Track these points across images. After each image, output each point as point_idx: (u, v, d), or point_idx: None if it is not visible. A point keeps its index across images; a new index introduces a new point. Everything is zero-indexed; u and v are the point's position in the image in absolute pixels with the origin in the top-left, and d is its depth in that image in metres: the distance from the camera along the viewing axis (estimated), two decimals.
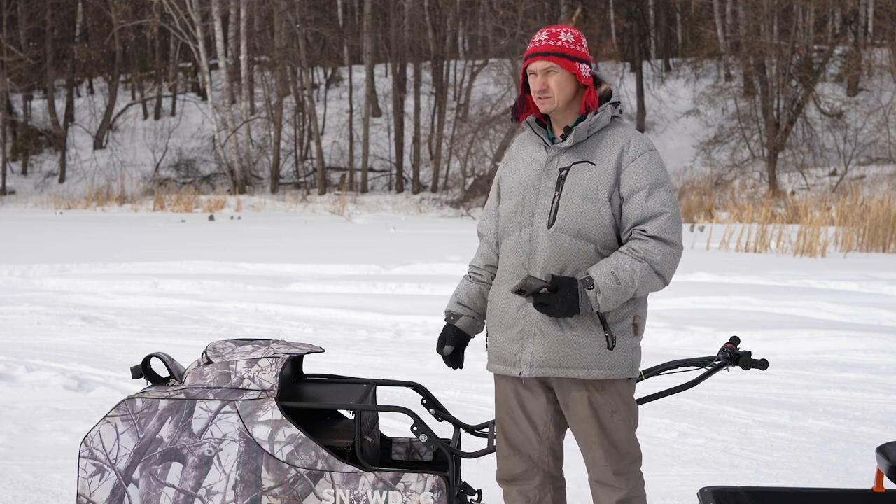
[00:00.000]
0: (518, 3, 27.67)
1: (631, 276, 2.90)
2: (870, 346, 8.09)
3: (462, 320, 3.24)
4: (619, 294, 2.91)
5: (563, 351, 2.97)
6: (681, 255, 3.00)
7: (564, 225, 2.97)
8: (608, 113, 3.04)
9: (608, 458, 3.02)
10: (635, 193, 2.96)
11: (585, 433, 3.03)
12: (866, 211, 15.91)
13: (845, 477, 4.84)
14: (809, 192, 24.29)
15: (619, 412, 3.02)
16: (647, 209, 2.94)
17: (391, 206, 26.30)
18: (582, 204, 2.97)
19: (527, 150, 3.15)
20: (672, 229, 2.95)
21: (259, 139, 30.12)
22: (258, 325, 9.24)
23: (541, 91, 3.01)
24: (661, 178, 2.99)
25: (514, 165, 3.16)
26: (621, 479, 3.03)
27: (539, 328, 3.00)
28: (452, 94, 29.85)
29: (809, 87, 26.37)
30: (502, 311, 3.08)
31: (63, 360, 7.29)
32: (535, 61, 3.02)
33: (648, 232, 2.94)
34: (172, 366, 3.34)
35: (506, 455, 3.14)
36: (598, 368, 2.96)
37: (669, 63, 34.11)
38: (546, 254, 2.99)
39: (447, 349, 3.21)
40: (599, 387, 3.00)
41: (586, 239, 2.97)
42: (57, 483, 4.60)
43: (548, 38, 3.03)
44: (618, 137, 3.02)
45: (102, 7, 31.58)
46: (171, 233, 19.29)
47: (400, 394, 6.30)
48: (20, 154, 32.14)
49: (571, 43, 3.03)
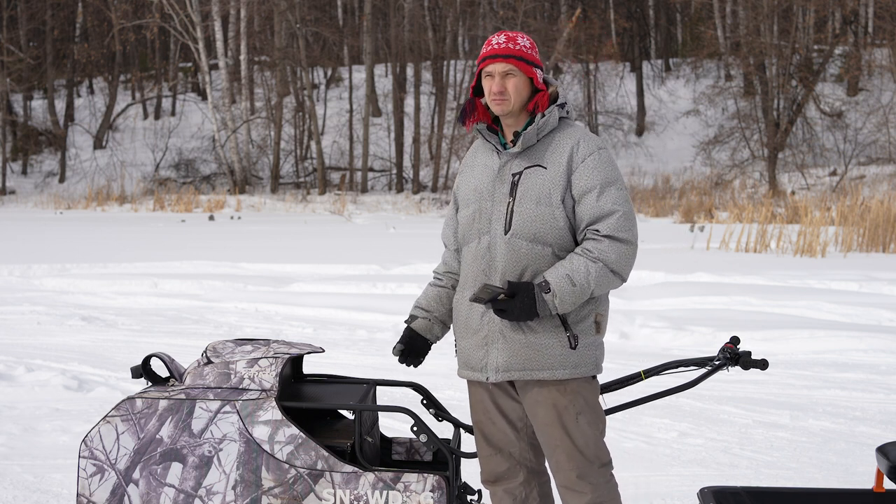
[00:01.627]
0: (518, 3, 27.68)
1: (586, 278, 2.93)
2: (870, 346, 8.09)
3: (417, 322, 3.28)
4: (575, 296, 2.93)
5: (526, 354, 3.00)
6: (636, 252, 3.01)
7: (520, 230, 3.00)
8: (555, 115, 3.05)
9: (571, 461, 3.02)
10: (587, 194, 2.98)
11: (550, 436, 3.03)
12: (866, 211, 15.91)
13: (845, 477, 4.84)
14: (809, 192, 24.29)
15: (585, 415, 3.03)
16: (598, 209, 2.97)
17: (391, 206, 26.30)
18: (536, 208, 2.99)
19: (480, 157, 3.17)
20: (625, 227, 2.96)
21: (259, 139, 30.13)
22: (258, 325, 9.24)
23: (498, 93, 3.01)
24: (612, 176, 3.00)
25: (469, 173, 3.18)
26: (585, 484, 3.02)
27: (502, 333, 3.02)
28: (452, 94, 29.84)
29: (809, 87, 26.38)
30: (467, 318, 3.12)
31: (63, 360, 7.29)
32: (493, 63, 3.03)
33: (602, 231, 2.96)
34: (172, 366, 3.34)
35: (487, 455, 3.16)
36: (562, 368, 2.99)
37: (669, 63, 34.12)
38: (504, 260, 3.01)
39: (396, 347, 3.25)
40: (563, 389, 3.01)
41: (542, 243, 2.99)
42: (57, 483, 4.60)
43: (506, 42, 3.04)
44: (567, 139, 3.04)
45: (102, 7, 31.58)
46: (171, 233, 19.29)
47: (400, 394, 6.30)
48: (20, 154, 32.14)
49: (528, 48, 3.05)
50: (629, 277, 3.07)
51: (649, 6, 34.54)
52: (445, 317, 3.27)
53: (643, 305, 9.94)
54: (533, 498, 3.16)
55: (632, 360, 7.55)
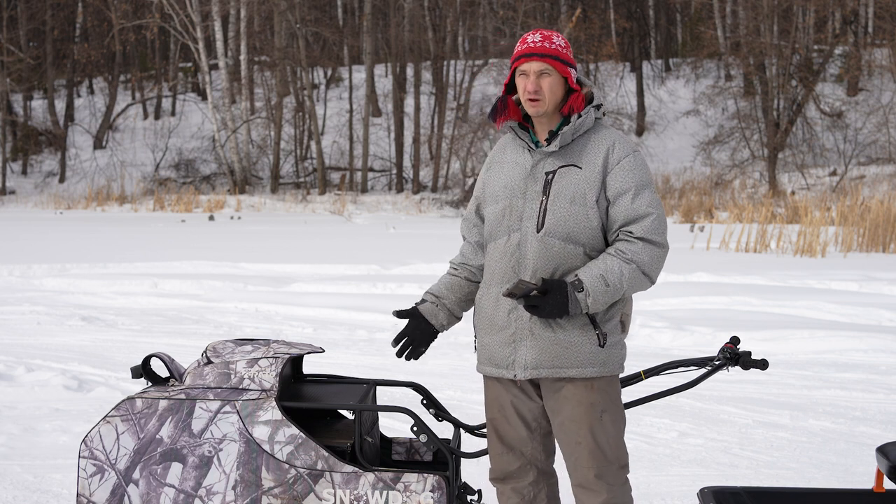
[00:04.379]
0: (518, 3, 27.68)
1: (619, 278, 2.94)
2: (870, 346, 8.09)
3: (425, 305, 3.25)
4: (607, 296, 2.94)
5: (555, 351, 2.99)
6: (666, 255, 3.04)
7: (553, 229, 2.99)
8: (591, 116, 3.04)
9: (592, 459, 3.01)
10: (621, 195, 2.98)
11: (573, 433, 3.02)
12: (866, 211, 15.91)
13: (845, 477, 4.84)
14: (809, 192, 24.29)
15: (609, 412, 3.03)
16: (633, 211, 2.97)
17: (391, 206, 26.30)
18: (570, 207, 2.99)
19: (510, 153, 3.15)
20: (658, 230, 2.98)
21: (259, 139, 30.12)
22: (258, 325, 9.24)
23: (533, 92, 2.99)
24: (646, 179, 3.02)
25: (499, 169, 3.15)
26: (602, 483, 3.01)
27: (531, 330, 3.02)
28: (452, 94, 29.84)
29: (809, 87, 26.38)
30: (492, 315, 3.10)
31: (63, 360, 7.29)
32: (528, 62, 3.00)
33: (635, 233, 2.97)
34: (172, 366, 3.34)
35: (499, 453, 3.15)
36: (591, 366, 2.99)
37: (669, 63, 34.12)
38: (536, 258, 3.01)
39: (395, 313, 3.21)
40: (590, 386, 3.01)
41: (575, 242, 2.99)
42: (57, 483, 4.60)
43: (542, 40, 3.02)
44: (602, 140, 3.03)
45: (102, 7, 31.57)
46: (171, 233, 19.29)
47: (400, 394, 6.30)
48: (20, 154, 32.14)
49: (563, 48, 3.04)
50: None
51: (649, 6, 34.54)
52: (454, 306, 3.25)
53: (643, 305, 9.94)
54: (541, 499, 3.15)
55: (632, 360, 7.49)
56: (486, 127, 25.57)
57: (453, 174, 27.25)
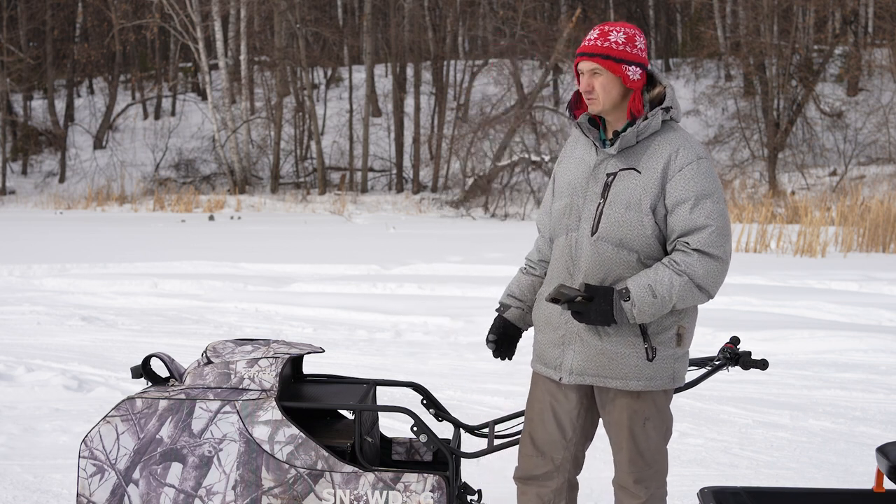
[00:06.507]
0: (518, 3, 27.68)
1: (669, 291, 2.86)
2: (870, 346, 8.09)
3: (511, 311, 3.22)
4: (654, 308, 2.87)
5: (601, 360, 2.95)
6: (726, 269, 2.93)
7: (606, 234, 2.94)
8: (658, 119, 2.95)
9: (632, 465, 3.01)
10: (680, 205, 2.90)
11: (616, 437, 3.04)
12: (866, 211, 15.91)
13: (845, 477, 4.84)
14: (809, 192, 24.29)
15: (652, 420, 3.01)
16: (691, 221, 2.89)
17: (391, 206, 26.29)
18: (625, 213, 2.92)
19: (580, 149, 3.10)
20: (717, 243, 2.88)
21: (259, 139, 30.11)
22: (258, 325, 9.24)
23: (587, 92, 2.97)
24: (709, 189, 2.91)
25: (567, 164, 3.12)
26: (641, 488, 3.02)
27: (579, 335, 2.98)
28: (452, 94, 29.83)
29: (809, 87, 26.37)
30: (548, 313, 3.07)
31: (63, 360, 7.28)
32: (582, 61, 2.98)
33: (692, 245, 2.88)
34: (172, 366, 3.34)
35: (529, 454, 3.13)
36: (636, 380, 2.94)
37: (669, 63, 34.11)
38: (588, 261, 2.96)
39: (490, 337, 3.20)
40: (636, 395, 2.98)
41: (628, 248, 2.93)
42: (57, 483, 4.60)
43: (597, 38, 2.96)
44: (666, 145, 2.94)
45: (102, 7, 31.56)
46: (171, 233, 19.29)
47: (400, 394, 6.30)
48: (20, 154, 32.13)
49: (621, 44, 2.93)
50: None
51: (649, 6, 34.54)
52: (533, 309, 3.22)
53: None
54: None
55: None
56: (485, 127, 25.56)
57: (453, 174, 27.24)
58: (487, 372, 7.17)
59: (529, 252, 3.31)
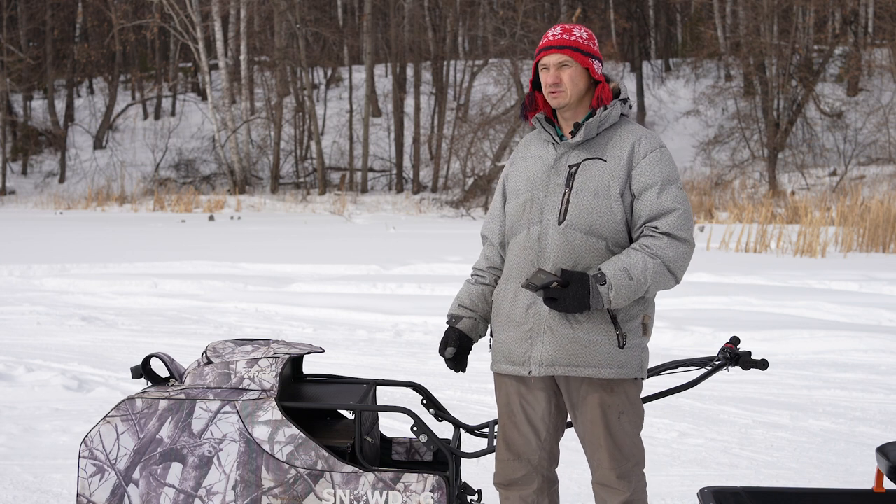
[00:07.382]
0: (518, 3, 27.66)
1: (644, 273, 2.89)
2: (870, 346, 8.09)
3: (463, 322, 3.20)
4: (631, 290, 2.89)
5: (573, 349, 2.95)
6: (692, 253, 2.99)
7: (575, 221, 2.96)
8: (617, 109, 3.02)
9: (612, 461, 3.01)
10: (647, 190, 2.95)
11: (593, 435, 3.02)
12: (866, 211, 15.91)
13: (845, 477, 4.84)
14: (809, 192, 24.28)
15: (627, 414, 3.01)
16: (659, 206, 2.94)
17: (391, 206, 26.29)
18: (593, 200, 2.95)
19: (534, 148, 3.13)
20: (684, 226, 2.94)
21: (259, 139, 30.12)
22: (258, 325, 9.24)
23: (553, 84, 2.99)
24: (673, 175, 2.98)
25: (522, 164, 3.14)
26: (624, 483, 3.02)
27: (549, 326, 2.97)
28: (452, 94, 29.84)
29: (809, 87, 26.37)
30: (510, 311, 3.06)
31: (63, 360, 7.29)
32: (548, 54, 3.01)
33: (661, 228, 2.93)
34: (172, 366, 3.34)
35: (505, 459, 3.13)
36: (608, 367, 2.95)
37: (669, 63, 34.12)
38: (556, 251, 2.97)
39: (449, 351, 3.17)
40: (609, 387, 2.98)
41: (597, 236, 2.96)
42: (57, 483, 4.60)
43: (562, 33, 3.02)
44: (628, 134, 3.01)
45: (102, 7, 31.57)
46: (171, 233, 19.29)
47: (400, 394, 6.30)
48: (20, 154, 32.13)
49: (585, 39, 3.02)
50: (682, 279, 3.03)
51: (649, 6, 34.53)
52: (489, 315, 3.20)
53: None
54: None
55: None
56: (486, 127, 25.57)
57: (453, 174, 27.24)
58: (487, 372, 7.15)
59: (476, 262, 3.29)
